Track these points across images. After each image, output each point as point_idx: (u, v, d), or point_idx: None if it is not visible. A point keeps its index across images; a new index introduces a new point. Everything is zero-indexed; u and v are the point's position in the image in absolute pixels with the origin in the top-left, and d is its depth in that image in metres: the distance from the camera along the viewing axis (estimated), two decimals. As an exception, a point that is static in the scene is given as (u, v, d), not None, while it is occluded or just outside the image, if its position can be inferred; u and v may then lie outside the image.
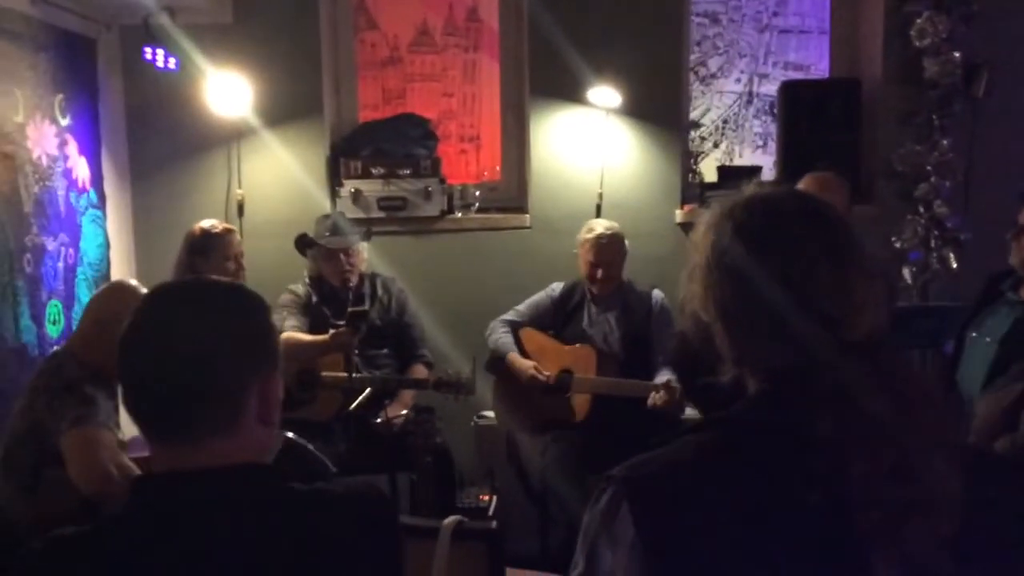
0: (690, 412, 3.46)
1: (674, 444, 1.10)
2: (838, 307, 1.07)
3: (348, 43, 4.44)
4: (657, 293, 3.67)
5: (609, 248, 3.62)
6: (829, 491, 0.99)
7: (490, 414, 3.94)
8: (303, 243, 3.62)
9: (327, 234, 3.63)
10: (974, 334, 2.85)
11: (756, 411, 1.10)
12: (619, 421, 3.41)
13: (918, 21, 4.00)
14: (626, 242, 3.70)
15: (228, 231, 3.57)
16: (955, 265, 4.00)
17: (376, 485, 1.31)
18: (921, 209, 4.08)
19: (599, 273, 3.62)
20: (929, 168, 4.04)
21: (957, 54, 3.98)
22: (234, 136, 4.11)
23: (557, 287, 3.81)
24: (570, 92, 4.17)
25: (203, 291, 1.22)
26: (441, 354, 3.87)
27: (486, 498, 3.52)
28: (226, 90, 3.89)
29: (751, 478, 1.03)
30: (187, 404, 1.11)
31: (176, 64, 3.82)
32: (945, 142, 4.04)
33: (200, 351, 1.12)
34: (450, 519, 2.00)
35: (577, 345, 3.65)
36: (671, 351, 3.50)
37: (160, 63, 3.78)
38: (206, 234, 3.51)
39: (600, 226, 3.67)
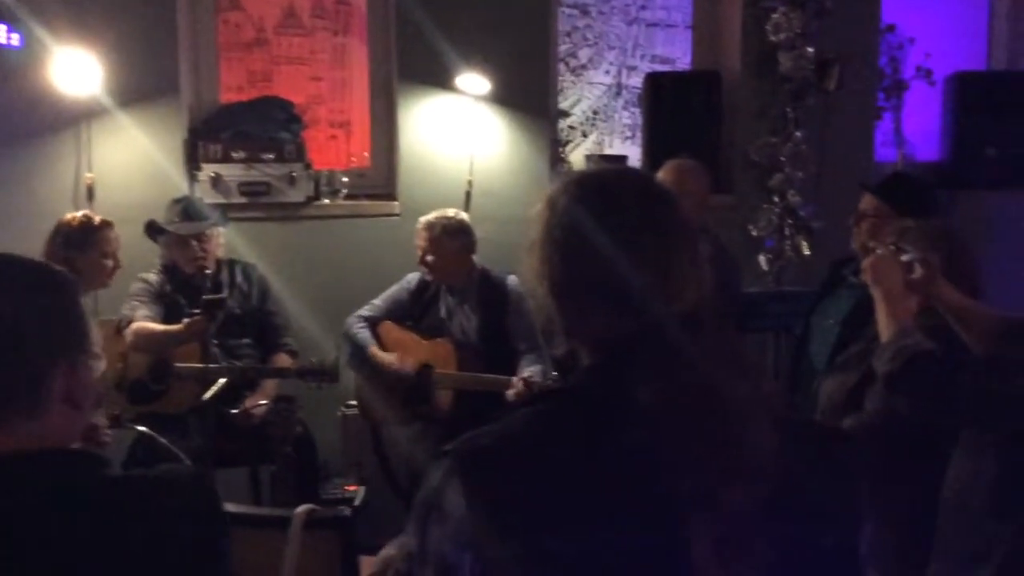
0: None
1: (508, 418, 1.11)
2: (663, 279, 1.10)
3: (208, 21, 4.29)
4: (512, 279, 3.61)
5: (433, 237, 3.55)
6: (649, 459, 1.01)
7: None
8: (152, 230, 3.47)
9: (177, 220, 3.48)
10: (819, 317, 2.98)
11: (585, 382, 1.12)
12: (483, 412, 3.39)
13: (774, 16, 4.15)
14: (468, 232, 3.63)
15: (106, 224, 3.34)
16: (807, 252, 4.18)
17: (199, 470, 1.26)
18: (776, 199, 4.24)
19: (427, 260, 3.58)
20: (783, 159, 4.20)
21: (810, 49, 4.15)
22: (83, 117, 3.90)
23: (413, 278, 3.74)
24: (439, 78, 4.15)
25: (7, 266, 1.15)
26: (306, 343, 3.79)
27: (352, 489, 3.47)
28: (74, 68, 3.69)
29: (576, 448, 1.04)
30: None
31: (20, 40, 3.60)
32: (799, 134, 4.21)
33: (1, 327, 1.08)
34: (301, 508, 1.96)
35: (437, 339, 3.61)
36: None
37: (2, 39, 3.55)
38: (85, 228, 3.28)
39: (434, 214, 3.64)
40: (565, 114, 4.67)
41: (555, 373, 3.33)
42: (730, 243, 3.71)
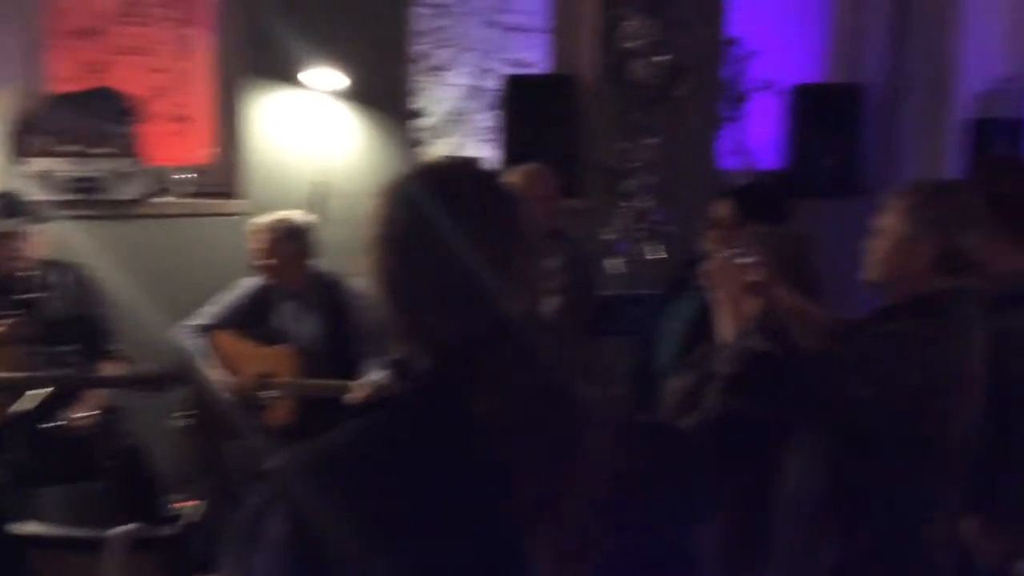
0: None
1: (335, 431, 1.04)
2: (505, 280, 1.05)
3: (34, 7, 3.99)
4: (356, 282, 3.49)
5: (270, 240, 3.42)
6: (488, 470, 0.98)
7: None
8: (-35, 228, 3.18)
9: (-8, 217, 3.20)
10: (667, 319, 3.02)
11: (420, 389, 1.06)
12: (328, 422, 3.28)
13: (628, 24, 4.21)
14: (308, 235, 3.50)
15: None
16: (660, 256, 4.26)
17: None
18: (629, 203, 4.30)
19: (265, 264, 3.44)
20: (636, 164, 4.27)
21: (662, 57, 4.23)
22: None
23: (250, 283, 3.57)
24: (289, 73, 4.00)
25: None
26: (141, 350, 3.56)
27: (188, 505, 3.28)
28: None
29: (410, 461, 0.99)
30: None
31: None
32: (651, 140, 4.28)
33: None
34: (121, 528, 1.83)
35: (276, 347, 3.47)
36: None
37: None
38: None
39: (272, 216, 3.51)
40: (421, 115, 4.60)
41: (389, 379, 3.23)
42: (585, 247, 3.73)
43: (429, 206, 1.07)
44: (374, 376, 3.31)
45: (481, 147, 4.81)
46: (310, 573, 0.95)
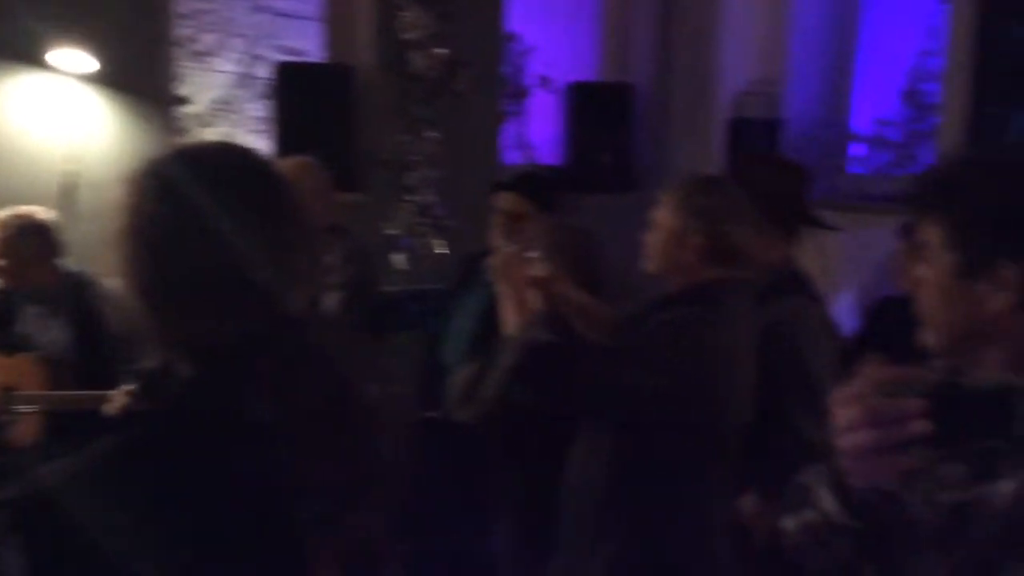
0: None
1: (87, 449, 0.91)
2: (274, 277, 0.94)
3: None
4: (110, 283, 3.19)
5: (5, 238, 3.06)
6: (265, 483, 0.88)
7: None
8: None
9: None
10: (455, 313, 2.97)
11: (184, 399, 0.94)
12: (83, 438, 2.96)
13: (404, 14, 4.13)
14: (49, 232, 3.14)
15: None
16: (443, 251, 4.22)
17: None
18: (411, 197, 4.23)
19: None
20: (417, 158, 4.20)
21: (441, 50, 4.18)
22: None
23: None
24: (34, 54, 3.61)
25: None
26: None
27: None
28: None
29: (174, 479, 0.88)
30: None
31: None
32: (432, 133, 4.23)
33: None
34: None
35: (19, 356, 3.10)
36: None
37: None
38: None
39: (6, 213, 3.14)
40: (185, 101, 4.30)
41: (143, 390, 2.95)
42: (366, 242, 3.62)
43: (187, 193, 0.94)
44: (133, 385, 3.02)
45: (251, 138, 4.57)
46: None
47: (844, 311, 3.35)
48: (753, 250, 2.06)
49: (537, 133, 4.97)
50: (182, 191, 0.94)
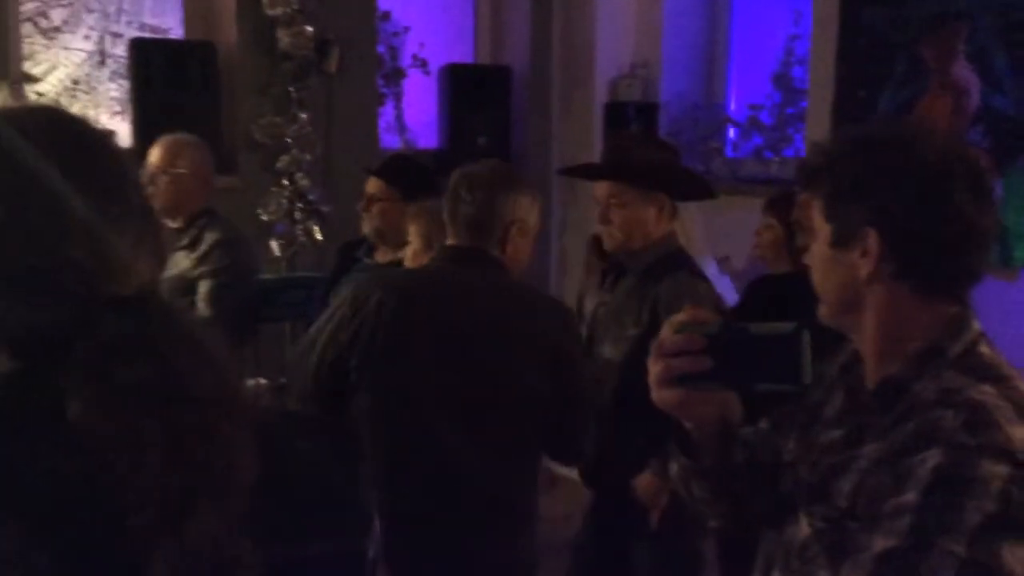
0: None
1: None
2: (100, 255, 0.83)
3: None
4: None
5: None
6: (93, 489, 0.78)
7: None
8: None
9: None
10: (334, 301, 2.87)
11: (4, 397, 0.82)
12: None
13: (271, -11, 3.96)
14: None
15: None
16: (319, 237, 4.08)
17: None
18: (285, 182, 4.07)
19: None
20: (289, 140, 4.04)
21: (310, 28, 4.02)
22: None
23: None
24: None
25: None
26: None
27: None
28: None
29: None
30: None
31: None
32: (303, 115, 4.08)
33: None
34: None
35: None
36: None
37: None
38: None
39: None
40: (32, 79, 4.00)
41: None
42: (239, 228, 3.45)
43: (4, 159, 0.82)
44: None
45: (109, 119, 4.30)
46: None
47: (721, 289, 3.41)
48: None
49: (415, 116, 4.86)
50: None
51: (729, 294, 3.10)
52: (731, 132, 4.54)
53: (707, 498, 1.28)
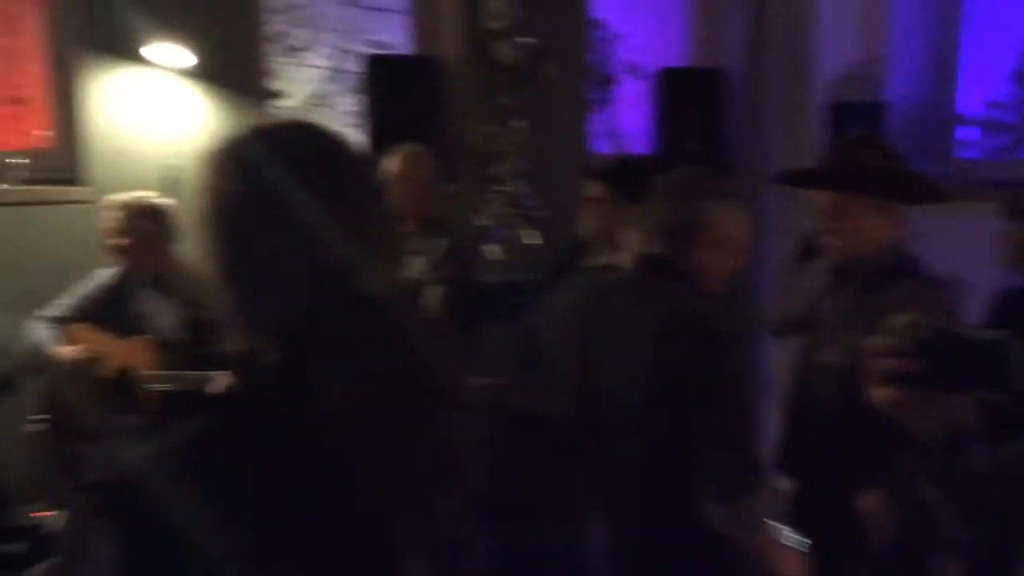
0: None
1: (169, 434, 0.91)
2: (347, 255, 0.93)
3: None
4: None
5: (126, 218, 3.17)
6: (346, 470, 0.87)
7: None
8: None
9: None
10: (556, 304, 2.95)
11: (264, 384, 0.93)
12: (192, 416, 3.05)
13: (490, 4, 4.12)
14: (168, 218, 3.26)
15: None
16: (535, 241, 4.19)
17: None
18: (500, 188, 4.22)
19: (119, 244, 3.18)
20: (505, 148, 4.18)
21: (527, 39, 4.15)
22: None
23: (104, 273, 3.28)
24: (130, 49, 3.71)
25: None
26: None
27: (46, 515, 2.98)
28: None
29: (254, 465, 0.87)
30: None
31: None
32: (518, 124, 4.21)
33: None
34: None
35: (135, 338, 3.20)
36: None
37: None
38: None
39: (129, 195, 3.24)
40: (279, 95, 4.38)
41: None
42: (465, 235, 3.63)
43: (266, 172, 0.93)
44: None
45: (345, 131, 4.62)
46: None
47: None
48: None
49: (626, 122, 4.90)
50: (260, 170, 0.93)
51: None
52: (966, 133, 4.26)
53: (942, 503, 1.22)
